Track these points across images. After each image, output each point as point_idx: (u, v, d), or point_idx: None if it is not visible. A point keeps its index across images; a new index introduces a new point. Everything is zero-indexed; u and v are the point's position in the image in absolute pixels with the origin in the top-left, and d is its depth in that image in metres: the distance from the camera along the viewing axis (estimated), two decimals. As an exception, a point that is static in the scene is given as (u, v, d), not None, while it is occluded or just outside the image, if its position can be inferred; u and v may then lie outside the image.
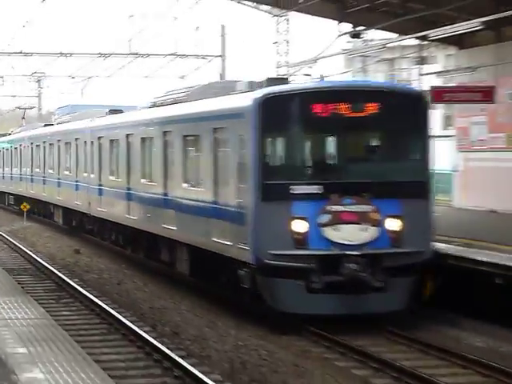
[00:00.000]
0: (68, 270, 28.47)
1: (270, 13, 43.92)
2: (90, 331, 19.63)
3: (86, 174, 40.82)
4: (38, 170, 53.54)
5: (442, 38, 17.51)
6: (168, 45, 53.22)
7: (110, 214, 36.88)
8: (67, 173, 44.96)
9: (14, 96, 77.38)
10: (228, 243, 22.80)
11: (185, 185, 27.89)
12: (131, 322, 20.04)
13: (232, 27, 52.31)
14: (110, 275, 28.51)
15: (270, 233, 21.54)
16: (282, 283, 21.32)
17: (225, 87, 27.44)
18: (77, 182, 42.53)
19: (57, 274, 27.42)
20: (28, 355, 13.54)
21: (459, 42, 19.18)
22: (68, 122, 48.77)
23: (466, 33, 14.16)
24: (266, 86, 23.33)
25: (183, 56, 51.23)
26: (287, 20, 44.57)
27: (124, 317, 20.53)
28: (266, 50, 46.68)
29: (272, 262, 21.19)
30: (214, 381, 14.97)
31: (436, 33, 17.08)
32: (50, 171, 49.41)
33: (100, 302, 22.35)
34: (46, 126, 57.53)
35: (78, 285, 25.23)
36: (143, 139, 32.76)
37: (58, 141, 47.76)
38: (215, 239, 24.01)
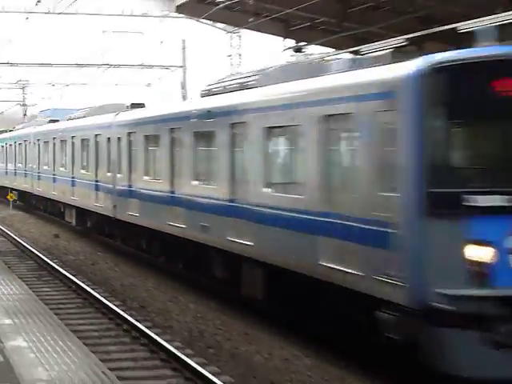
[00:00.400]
0: (48, 252, 28.26)
1: (224, 30, 43.75)
2: (68, 305, 19.52)
3: (110, 174, 30.91)
4: (46, 167, 43.48)
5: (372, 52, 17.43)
6: (136, 57, 52.92)
7: (143, 219, 27.18)
8: (84, 171, 34.61)
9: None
10: (353, 272, 14.67)
11: (267, 190, 18.59)
12: (104, 297, 19.94)
13: (192, 41, 51.97)
14: (85, 257, 28.33)
15: (437, 263, 13.47)
16: (453, 336, 13.37)
17: (312, 67, 18.73)
18: (97, 182, 32.99)
19: (38, 256, 27.23)
20: (13, 326, 13.62)
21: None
22: (81, 117, 38.40)
23: (392, 48, 14.17)
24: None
25: (149, 66, 51.19)
26: (239, 36, 44.59)
27: (97, 292, 20.42)
28: (222, 61, 46.44)
29: (439, 305, 13.21)
30: (175, 348, 14.87)
31: (367, 48, 16.98)
32: (62, 169, 39.30)
33: (76, 280, 22.22)
34: (51, 121, 46.75)
35: (58, 265, 25.06)
36: (200, 134, 23.10)
37: (72, 137, 37.33)
38: (324, 263, 15.86)
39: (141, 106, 32.39)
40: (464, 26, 14.65)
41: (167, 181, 23.58)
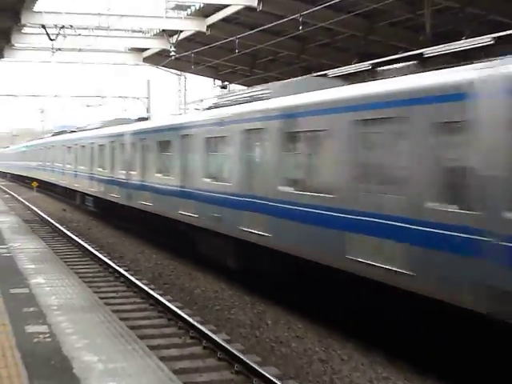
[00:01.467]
0: (59, 221, 27.85)
1: (175, 73, 43.66)
2: (71, 255, 19.38)
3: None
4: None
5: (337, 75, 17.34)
6: (116, 90, 52.61)
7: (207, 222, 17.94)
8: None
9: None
10: None
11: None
12: (96, 250, 19.79)
13: (154, 80, 51.59)
14: (83, 224, 28.06)
15: None
16: None
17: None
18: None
19: (52, 223, 26.86)
20: (35, 269, 13.50)
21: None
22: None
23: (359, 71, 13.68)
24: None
25: (124, 97, 50.81)
26: (185, 77, 44.40)
27: (92, 247, 20.25)
28: (173, 94, 46.17)
29: None
30: (144, 284, 14.92)
31: (333, 72, 16.72)
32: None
33: (77, 239, 22.03)
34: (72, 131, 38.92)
35: (65, 229, 24.74)
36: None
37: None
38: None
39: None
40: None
41: (236, 184, 14.73)
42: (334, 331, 11.41)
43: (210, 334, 10.84)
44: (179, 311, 12.38)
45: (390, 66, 11.35)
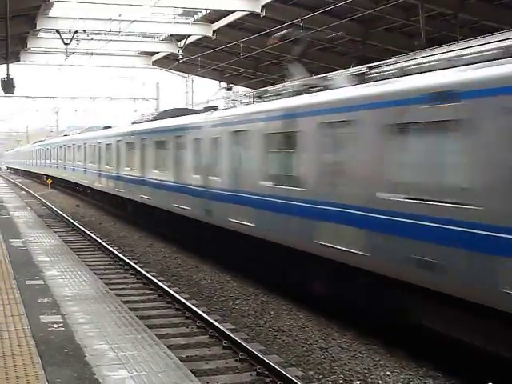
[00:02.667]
0: (72, 216, 27.84)
1: (183, 76, 43.60)
2: (84, 249, 19.33)
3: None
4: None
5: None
6: (128, 91, 52.63)
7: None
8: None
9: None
10: None
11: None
12: (107, 244, 19.78)
13: (163, 83, 51.64)
14: (95, 219, 28.01)
15: None
16: None
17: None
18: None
19: (66, 218, 26.82)
20: (50, 261, 13.46)
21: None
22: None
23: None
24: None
25: (136, 98, 50.78)
26: (192, 79, 44.31)
27: (103, 241, 20.24)
28: (181, 96, 46.21)
29: None
30: (152, 276, 14.90)
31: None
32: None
33: (89, 233, 22.01)
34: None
35: (78, 224, 24.71)
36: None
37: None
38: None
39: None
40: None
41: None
42: (333, 321, 11.34)
43: (215, 323, 10.79)
44: (186, 302, 12.32)
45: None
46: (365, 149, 10.11)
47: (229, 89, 36.70)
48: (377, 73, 10.62)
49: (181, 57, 31.17)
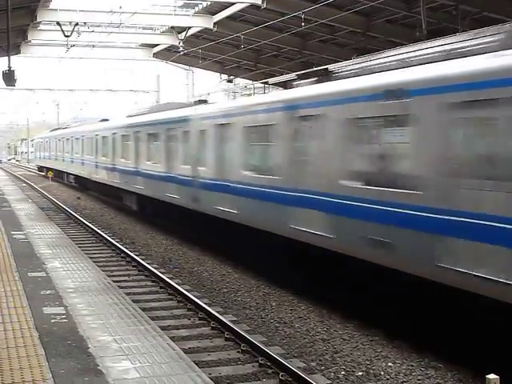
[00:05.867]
0: (74, 208, 27.86)
1: (183, 68, 43.48)
2: (85, 241, 19.35)
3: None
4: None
5: (276, 83, 17.34)
6: (128, 84, 52.55)
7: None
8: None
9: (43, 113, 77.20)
10: None
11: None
12: (108, 236, 19.79)
13: (163, 75, 51.55)
14: (96, 211, 28.02)
15: None
16: None
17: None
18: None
19: (67, 210, 26.83)
20: (52, 253, 13.46)
21: (284, 85, 18.94)
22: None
23: (287, 80, 14.16)
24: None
25: (136, 91, 50.73)
26: (192, 71, 44.22)
27: (104, 233, 20.25)
28: (181, 88, 46.14)
29: None
30: (154, 268, 14.91)
31: (272, 80, 16.98)
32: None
33: (91, 225, 22.02)
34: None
35: (79, 216, 24.73)
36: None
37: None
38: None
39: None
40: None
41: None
42: (335, 312, 11.36)
43: (217, 315, 10.81)
44: (188, 294, 12.34)
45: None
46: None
47: (230, 81, 36.67)
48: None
49: (181, 49, 31.08)
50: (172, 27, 31.12)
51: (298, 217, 11.93)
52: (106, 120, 33.37)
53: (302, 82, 13.05)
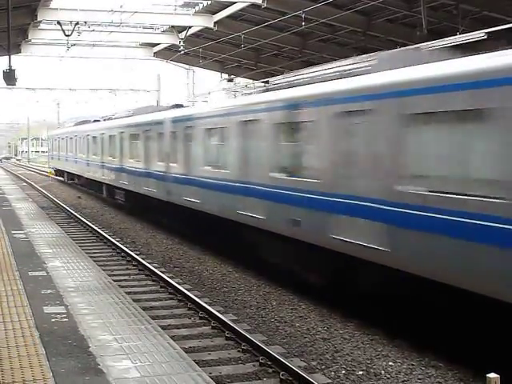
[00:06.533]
0: (74, 207, 27.87)
1: (183, 67, 43.44)
2: (86, 240, 19.34)
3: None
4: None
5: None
6: (129, 83, 52.48)
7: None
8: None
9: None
10: None
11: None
12: (109, 235, 19.79)
13: (164, 74, 51.55)
14: (97, 211, 28.01)
15: None
16: None
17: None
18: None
19: (68, 209, 26.83)
20: (52, 253, 13.46)
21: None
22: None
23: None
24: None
25: (137, 90, 50.74)
26: (193, 71, 44.16)
27: (105, 232, 20.25)
28: (181, 87, 46.11)
29: None
30: (154, 267, 14.91)
31: (273, 79, 17.21)
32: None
33: (91, 224, 22.02)
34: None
35: (79, 215, 24.74)
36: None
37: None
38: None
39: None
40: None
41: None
42: (335, 311, 11.36)
43: (218, 314, 10.81)
44: (188, 293, 12.34)
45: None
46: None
47: (230, 80, 36.63)
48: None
49: (182, 48, 31.09)
50: (172, 26, 31.12)
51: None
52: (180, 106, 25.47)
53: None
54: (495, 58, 7.94)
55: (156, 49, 37.01)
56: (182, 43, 30.85)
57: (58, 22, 27.92)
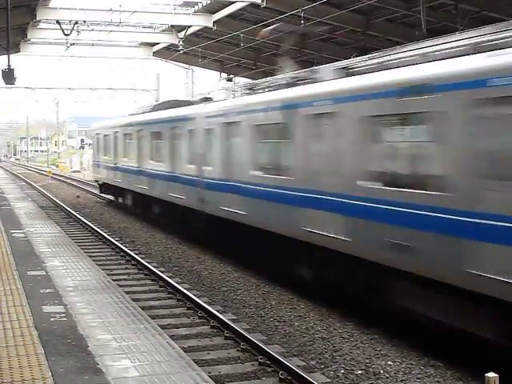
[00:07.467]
0: (73, 207, 27.86)
1: (183, 67, 43.40)
2: (85, 239, 19.35)
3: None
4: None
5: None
6: (128, 82, 52.41)
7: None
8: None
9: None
10: None
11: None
12: (108, 235, 19.82)
13: (163, 74, 51.52)
14: (96, 210, 28.02)
15: None
16: None
17: None
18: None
19: (67, 209, 26.84)
20: (51, 252, 13.48)
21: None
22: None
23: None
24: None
25: (136, 89, 50.70)
26: (192, 70, 44.13)
27: (104, 232, 20.25)
28: (180, 86, 46.11)
29: None
30: (154, 267, 14.92)
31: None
32: None
33: (91, 224, 22.02)
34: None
35: (78, 215, 24.75)
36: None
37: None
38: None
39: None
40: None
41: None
42: (334, 311, 11.36)
43: (217, 313, 10.81)
44: (188, 292, 12.35)
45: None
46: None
47: (229, 80, 36.60)
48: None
49: (181, 47, 31.08)
50: (172, 26, 31.10)
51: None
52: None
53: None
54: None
55: (155, 48, 36.99)
56: (181, 43, 30.84)
57: (58, 22, 27.91)
